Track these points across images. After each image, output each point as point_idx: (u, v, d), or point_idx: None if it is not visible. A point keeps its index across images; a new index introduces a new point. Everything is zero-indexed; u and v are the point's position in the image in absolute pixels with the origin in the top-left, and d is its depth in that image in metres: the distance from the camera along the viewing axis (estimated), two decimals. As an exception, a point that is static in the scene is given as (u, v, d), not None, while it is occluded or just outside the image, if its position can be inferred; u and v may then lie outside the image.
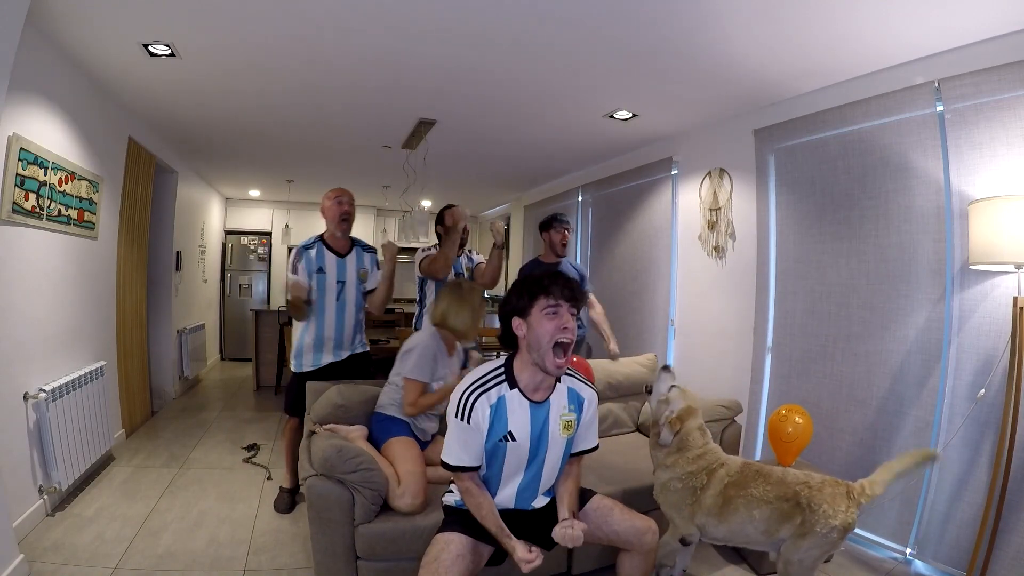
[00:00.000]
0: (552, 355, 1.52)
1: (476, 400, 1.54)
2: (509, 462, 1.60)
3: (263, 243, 7.86)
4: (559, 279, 1.55)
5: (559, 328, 1.51)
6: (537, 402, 1.60)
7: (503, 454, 1.59)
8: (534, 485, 1.67)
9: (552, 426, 1.61)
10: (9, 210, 2.31)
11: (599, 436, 2.97)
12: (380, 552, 1.97)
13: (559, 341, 1.51)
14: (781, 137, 3.16)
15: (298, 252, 2.77)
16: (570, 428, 1.64)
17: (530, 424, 1.58)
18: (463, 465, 1.57)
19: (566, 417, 1.63)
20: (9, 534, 2.09)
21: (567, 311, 1.53)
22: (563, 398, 1.64)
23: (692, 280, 3.91)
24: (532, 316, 1.53)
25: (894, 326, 2.57)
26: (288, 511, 2.81)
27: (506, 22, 2.37)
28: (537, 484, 1.67)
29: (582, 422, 1.68)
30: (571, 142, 4.37)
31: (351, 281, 2.83)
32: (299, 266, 2.73)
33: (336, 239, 2.84)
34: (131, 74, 3.03)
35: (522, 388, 1.58)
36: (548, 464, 1.65)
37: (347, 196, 2.85)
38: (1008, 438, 2.02)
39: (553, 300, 1.52)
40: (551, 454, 1.63)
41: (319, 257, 2.77)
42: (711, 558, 2.51)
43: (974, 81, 2.25)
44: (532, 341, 1.53)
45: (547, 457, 1.63)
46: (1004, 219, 1.98)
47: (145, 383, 4.32)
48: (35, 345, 2.61)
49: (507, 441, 1.57)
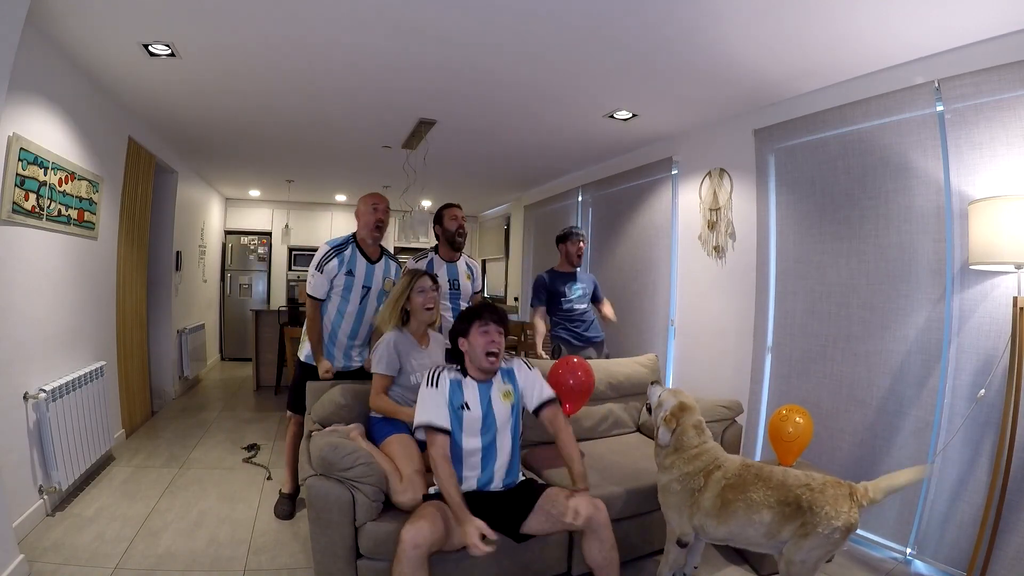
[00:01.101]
0: (485, 360, 2.03)
1: (441, 374, 2.06)
2: (467, 427, 2.02)
3: (263, 243, 7.87)
4: (488, 307, 2.10)
5: (488, 342, 2.03)
6: (482, 382, 2.09)
7: (461, 420, 2.02)
8: (491, 454, 2.04)
9: (495, 396, 2.08)
10: (9, 210, 2.31)
11: (599, 436, 3.00)
12: (383, 551, 1.97)
13: (489, 351, 2.03)
14: (781, 137, 3.16)
15: (332, 250, 2.67)
16: (509, 396, 2.10)
17: (479, 397, 2.05)
18: (437, 424, 1.96)
19: (503, 388, 2.11)
20: (9, 534, 2.09)
21: (494, 330, 2.05)
22: (499, 378, 2.13)
23: (692, 280, 3.91)
24: (471, 335, 2.05)
25: (894, 326, 2.57)
26: (288, 517, 2.76)
27: (506, 22, 2.37)
28: (493, 452, 2.04)
29: (519, 384, 2.15)
30: (571, 142, 4.37)
31: (375, 289, 2.76)
32: (328, 265, 2.64)
33: (367, 244, 2.76)
34: (131, 74, 3.04)
35: (472, 375, 2.09)
36: (500, 433, 2.06)
37: (383, 203, 2.76)
38: (1008, 438, 2.02)
39: (484, 323, 2.04)
40: (499, 418, 2.06)
41: (352, 259, 2.69)
42: (712, 558, 2.51)
43: (974, 81, 2.25)
44: (471, 353, 2.05)
45: (497, 424, 2.05)
46: (1004, 219, 1.98)
47: (145, 383, 4.32)
48: (35, 345, 2.61)
49: (464, 409, 2.03)
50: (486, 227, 8.86)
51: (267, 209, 7.93)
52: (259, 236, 7.87)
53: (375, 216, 2.71)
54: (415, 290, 2.38)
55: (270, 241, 7.90)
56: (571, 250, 3.58)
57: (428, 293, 2.40)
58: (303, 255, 8.00)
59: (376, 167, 5.40)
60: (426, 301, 2.38)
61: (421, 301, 2.38)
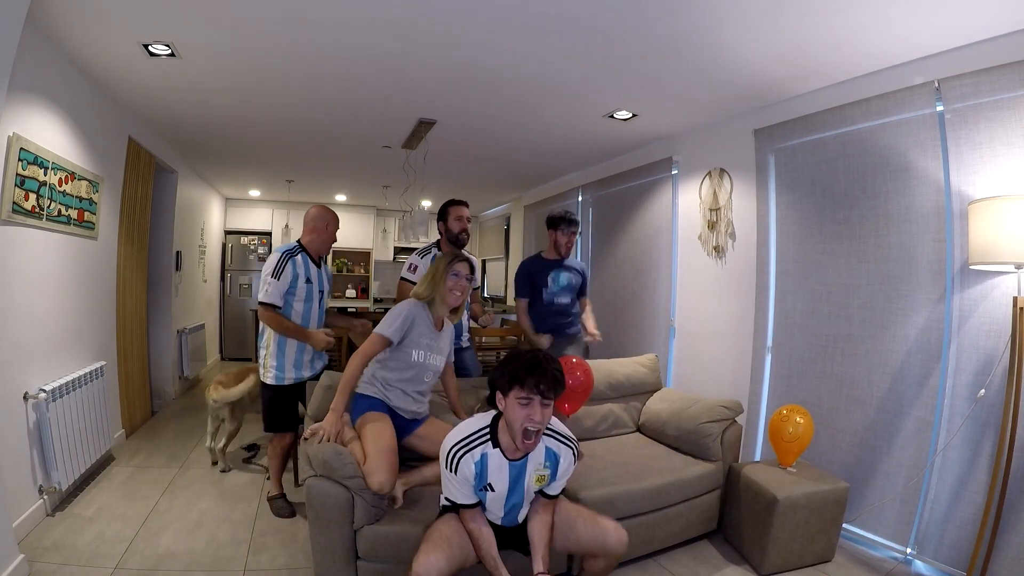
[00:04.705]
0: (522, 437, 1.69)
1: (462, 458, 1.73)
2: (490, 505, 1.81)
3: (263, 243, 7.86)
4: (536, 372, 1.67)
5: (528, 418, 1.67)
6: (515, 460, 1.77)
7: (484, 500, 1.79)
8: (514, 513, 1.85)
9: (527, 480, 1.79)
10: (9, 210, 2.31)
11: (599, 436, 3.00)
12: (382, 554, 1.97)
13: (526, 428, 1.68)
14: (781, 137, 3.16)
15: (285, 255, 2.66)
16: (543, 480, 1.81)
17: (508, 479, 1.77)
18: (466, 503, 1.76)
19: (540, 472, 1.80)
20: (9, 534, 2.09)
21: (539, 403, 1.68)
22: (540, 455, 1.80)
23: (692, 280, 3.91)
24: (509, 399, 1.70)
25: (894, 326, 2.57)
26: (291, 515, 2.77)
27: (506, 22, 2.37)
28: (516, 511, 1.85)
29: (558, 474, 1.83)
30: (571, 142, 4.37)
31: (327, 292, 2.90)
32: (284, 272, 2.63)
33: (314, 251, 2.81)
34: (131, 74, 3.03)
35: (503, 448, 1.76)
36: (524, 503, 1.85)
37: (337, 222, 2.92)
38: (1008, 438, 2.02)
39: (526, 393, 1.67)
40: (526, 495, 1.82)
41: (305, 266, 2.72)
42: (711, 558, 2.51)
43: (974, 81, 2.25)
44: (507, 419, 1.72)
45: (523, 497, 1.82)
46: (1004, 219, 1.98)
47: (145, 383, 4.32)
48: (35, 345, 2.61)
49: (487, 491, 1.77)
50: (486, 227, 8.86)
51: (267, 209, 7.93)
52: (259, 236, 7.87)
53: (332, 233, 2.88)
54: (450, 271, 2.32)
55: (270, 241, 7.90)
56: (560, 240, 3.27)
57: (461, 280, 2.33)
58: (303, 255, 8.00)
59: (376, 167, 5.40)
60: (456, 286, 2.31)
61: (452, 284, 2.30)
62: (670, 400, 3.08)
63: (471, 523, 1.76)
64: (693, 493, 2.53)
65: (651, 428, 3.03)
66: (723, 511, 2.67)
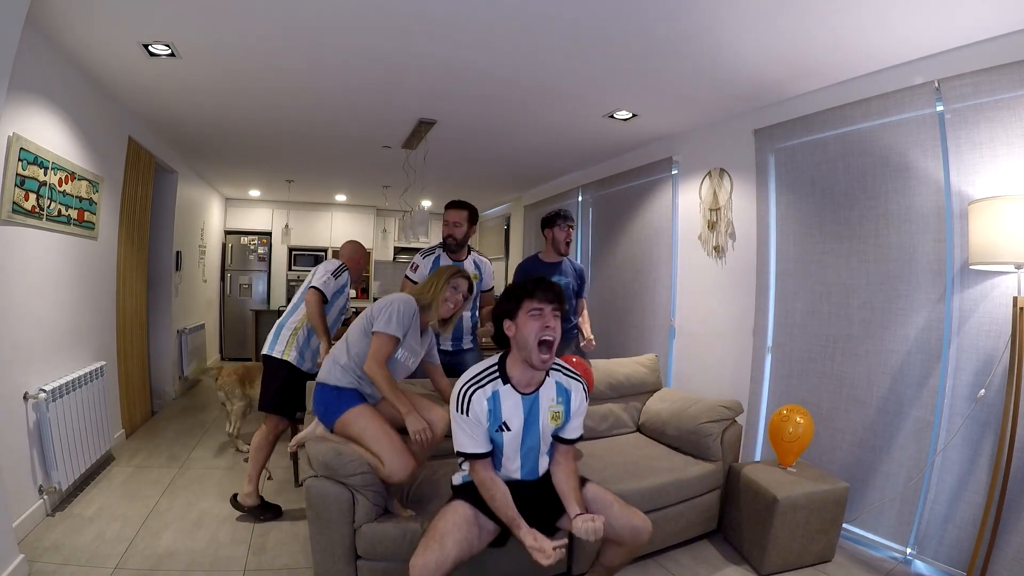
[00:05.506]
0: (537, 351, 1.70)
1: (473, 395, 1.73)
2: (507, 450, 1.79)
3: (263, 243, 7.87)
4: (542, 284, 1.74)
5: (542, 327, 1.69)
6: (527, 394, 1.77)
7: (501, 442, 1.77)
8: (532, 458, 1.82)
9: (542, 416, 1.79)
10: (9, 210, 2.31)
11: (600, 437, 3.00)
12: (382, 552, 1.97)
13: (543, 339, 1.70)
14: (781, 137, 3.16)
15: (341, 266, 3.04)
16: (558, 419, 1.81)
17: (522, 413, 1.76)
18: (477, 452, 1.73)
19: (554, 408, 1.80)
20: (9, 534, 2.09)
21: (550, 312, 1.72)
22: (551, 391, 1.81)
23: (692, 280, 3.91)
24: (519, 318, 1.72)
25: (894, 326, 2.57)
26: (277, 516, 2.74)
27: (506, 22, 2.37)
28: (534, 455, 1.82)
29: (571, 410, 1.84)
30: (571, 142, 4.37)
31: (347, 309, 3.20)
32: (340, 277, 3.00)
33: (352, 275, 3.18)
34: (131, 74, 3.03)
35: (514, 383, 1.76)
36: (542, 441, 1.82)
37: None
38: (1008, 438, 2.02)
39: (537, 303, 1.71)
40: (543, 435, 1.81)
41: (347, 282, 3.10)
42: (711, 558, 2.51)
43: (974, 81, 2.25)
44: (520, 340, 1.72)
45: (540, 438, 1.81)
46: (1004, 219, 1.98)
47: (145, 383, 4.32)
48: (35, 345, 2.61)
49: (503, 431, 1.75)
50: (486, 227, 8.86)
51: (267, 209, 7.93)
52: (259, 236, 7.87)
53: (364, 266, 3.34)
54: (450, 284, 2.28)
55: (270, 241, 7.90)
56: (559, 236, 3.19)
57: (458, 294, 2.28)
58: (303, 255, 8.01)
59: (376, 167, 5.40)
60: (451, 298, 2.27)
61: (448, 295, 2.26)
62: (670, 400, 3.08)
63: (483, 472, 1.73)
64: (693, 493, 2.53)
65: (651, 428, 3.03)
66: (723, 511, 2.67)
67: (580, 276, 3.38)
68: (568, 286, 3.24)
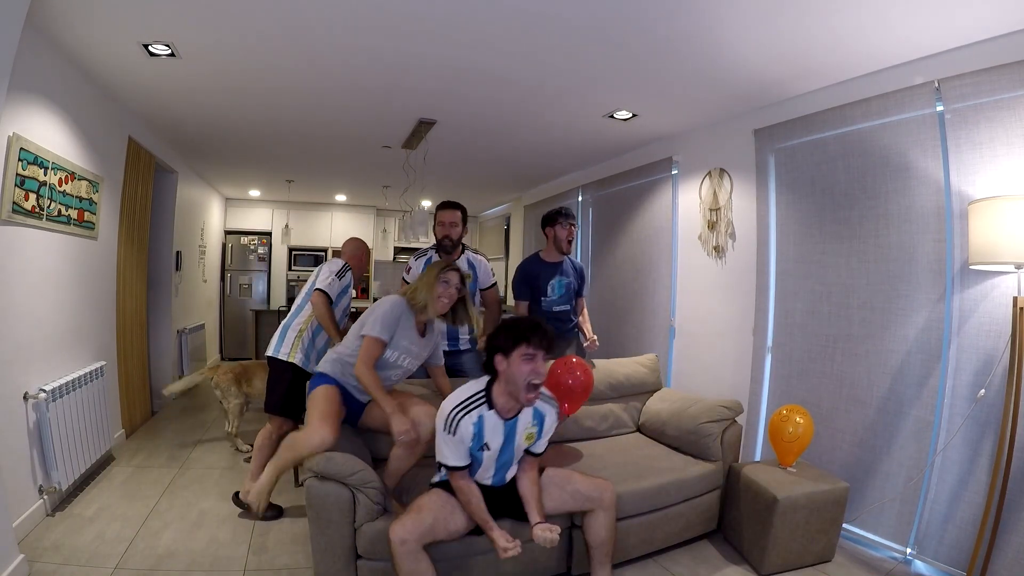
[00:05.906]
0: (526, 392, 1.86)
1: (461, 419, 1.88)
2: (484, 463, 1.96)
3: (263, 243, 7.87)
4: (538, 330, 1.87)
5: (533, 372, 1.84)
6: (508, 419, 1.94)
7: (481, 459, 1.95)
8: (503, 471, 2.02)
9: (519, 437, 1.97)
10: (9, 210, 2.31)
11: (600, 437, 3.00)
12: (382, 552, 1.97)
13: (532, 382, 1.85)
14: (781, 137, 3.16)
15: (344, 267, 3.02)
16: (531, 438, 2.00)
17: (502, 436, 1.93)
18: (458, 465, 1.91)
19: (529, 430, 1.98)
20: (9, 534, 2.09)
21: (541, 359, 1.87)
22: (528, 415, 1.98)
23: (692, 280, 3.91)
24: (512, 357, 1.85)
25: (894, 326, 2.57)
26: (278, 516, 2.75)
27: (506, 22, 2.37)
28: (505, 469, 2.01)
29: (543, 432, 2.02)
30: (571, 142, 4.37)
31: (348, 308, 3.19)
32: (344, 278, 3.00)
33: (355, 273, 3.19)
34: (131, 74, 3.03)
35: (498, 409, 1.92)
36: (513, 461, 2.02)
37: None
38: (1008, 438, 2.02)
39: (531, 349, 1.84)
40: (516, 453, 2.01)
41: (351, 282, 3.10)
42: (711, 558, 2.51)
43: (974, 81, 2.25)
44: (509, 377, 1.86)
45: (512, 459, 2.01)
46: (1004, 219, 1.98)
47: (145, 383, 4.32)
48: (35, 345, 2.61)
49: (484, 450, 1.93)
50: (486, 227, 8.86)
51: (267, 209, 7.93)
52: (259, 236, 7.87)
53: (366, 264, 3.32)
54: (440, 279, 2.28)
55: (270, 241, 7.90)
56: (560, 235, 3.16)
57: (450, 288, 2.30)
58: (303, 255, 8.01)
59: (376, 167, 5.40)
60: (444, 293, 2.28)
61: (440, 291, 2.27)
62: (670, 400, 3.08)
63: (461, 480, 1.91)
64: (693, 493, 2.53)
65: (651, 428, 3.03)
66: (723, 511, 2.67)
67: (580, 275, 3.39)
68: (569, 285, 3.25)
